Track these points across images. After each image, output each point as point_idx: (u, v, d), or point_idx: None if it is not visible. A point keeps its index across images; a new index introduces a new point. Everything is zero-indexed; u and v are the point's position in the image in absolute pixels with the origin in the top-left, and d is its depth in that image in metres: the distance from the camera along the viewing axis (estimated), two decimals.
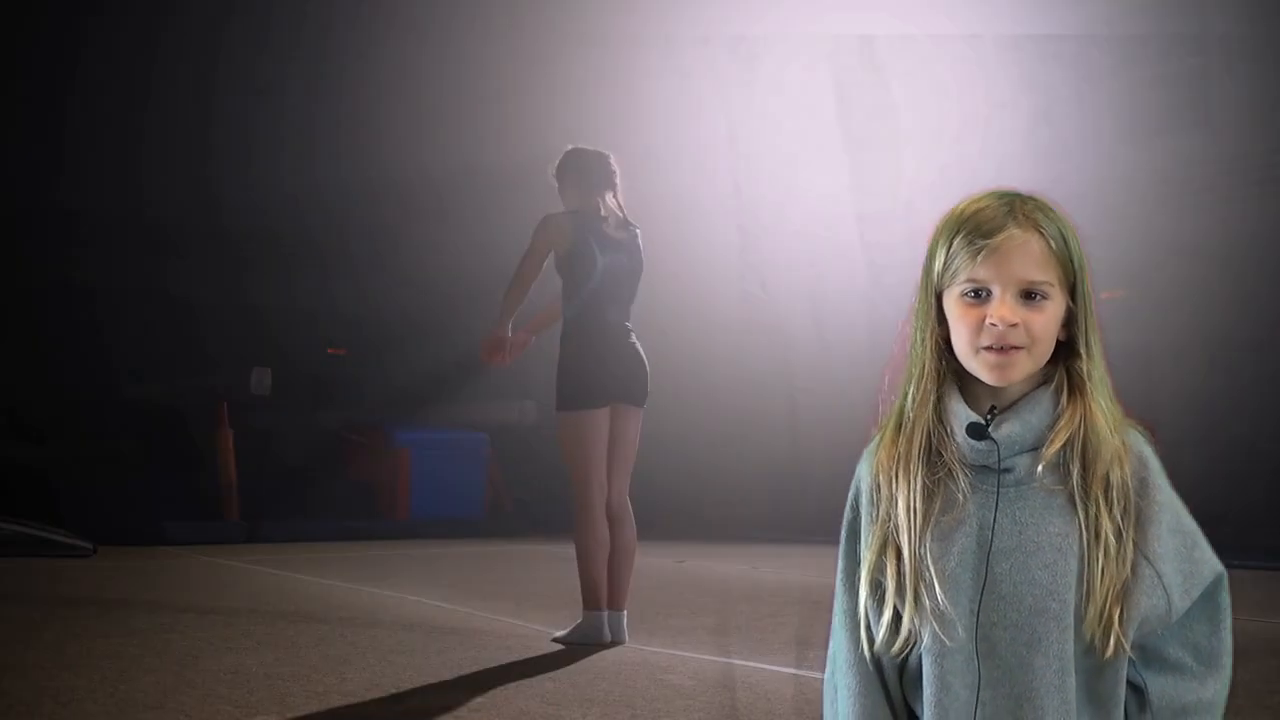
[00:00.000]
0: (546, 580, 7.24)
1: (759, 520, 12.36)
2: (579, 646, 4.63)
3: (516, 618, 5.52)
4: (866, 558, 1.41)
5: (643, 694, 3.80)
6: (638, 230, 4.98)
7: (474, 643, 4.80)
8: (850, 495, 1.47)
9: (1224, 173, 11.26)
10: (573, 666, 4.28)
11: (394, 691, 3.81)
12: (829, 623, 1.52)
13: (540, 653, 4.56)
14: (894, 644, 1.39)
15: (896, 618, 1.38)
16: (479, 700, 3.70)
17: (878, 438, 1.44)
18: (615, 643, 4.70)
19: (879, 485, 1.42)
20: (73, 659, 4.22)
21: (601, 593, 4.72)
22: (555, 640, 4.75)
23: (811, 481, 11.84)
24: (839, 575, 1.46)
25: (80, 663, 4.15)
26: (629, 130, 13.04)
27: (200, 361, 12.03)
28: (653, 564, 8.23)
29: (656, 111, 13.23)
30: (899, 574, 1.37)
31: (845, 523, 1.46)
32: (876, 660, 1.41)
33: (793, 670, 4.26)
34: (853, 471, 1.47)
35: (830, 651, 1.47)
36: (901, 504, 1.38)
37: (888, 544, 1.39)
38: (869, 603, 1.40)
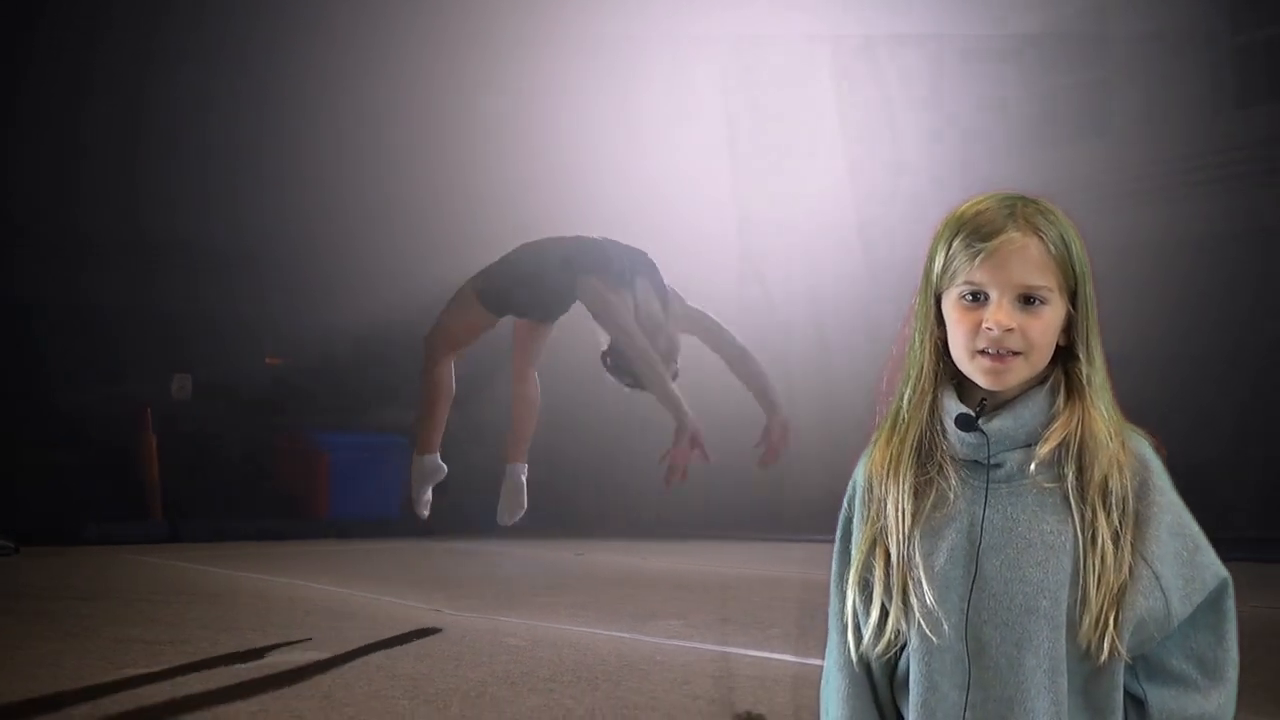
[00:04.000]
0: (443, 569, 7.75)
1: (757, 520, 12.61)
2: (448, 614, 5.15)
3: (399, 599, 6.05)
4: (855, 558, 1.41)
5: (476, 650, 4.36)
6: None
7: (348, 616, 5.33)
8: (845, 498, 1.47)
9: (1126, 179, 11.68)
10: (431, 634, 4.79)
11: (253, 646, 4.34)
12: (680, 600, 1.89)
13: (415, 627, 4.99)
14: (879, 644, 1.39)
15: (884, 618, 1.38)
16: (324, 656, 4.24)
17: (874, 440, 1.44)
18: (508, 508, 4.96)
19: (871, 487, 1.42)
20: None
21: (432, 439, 4.97)
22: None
23: (810, 480, 12.13)
24: (832, 577, 1.46)
25: None
26: (629, 130, 13.32)
27: (124, 367, 12.39)
28: (550, 555, 8.80)
29: (657, 111, 13.47)
30: (887, 574, 1.37)
31: (839, 525, 1.46)
32: (865, 662, 1.42)
33: (615, 633, 4.86)
34: (849, 471, 1.48)
35: (826, 652, 1.48)
36: (890, 504, 1.38)
37: (876, 544, 1.39)
38: (857, 602, 1.41)
